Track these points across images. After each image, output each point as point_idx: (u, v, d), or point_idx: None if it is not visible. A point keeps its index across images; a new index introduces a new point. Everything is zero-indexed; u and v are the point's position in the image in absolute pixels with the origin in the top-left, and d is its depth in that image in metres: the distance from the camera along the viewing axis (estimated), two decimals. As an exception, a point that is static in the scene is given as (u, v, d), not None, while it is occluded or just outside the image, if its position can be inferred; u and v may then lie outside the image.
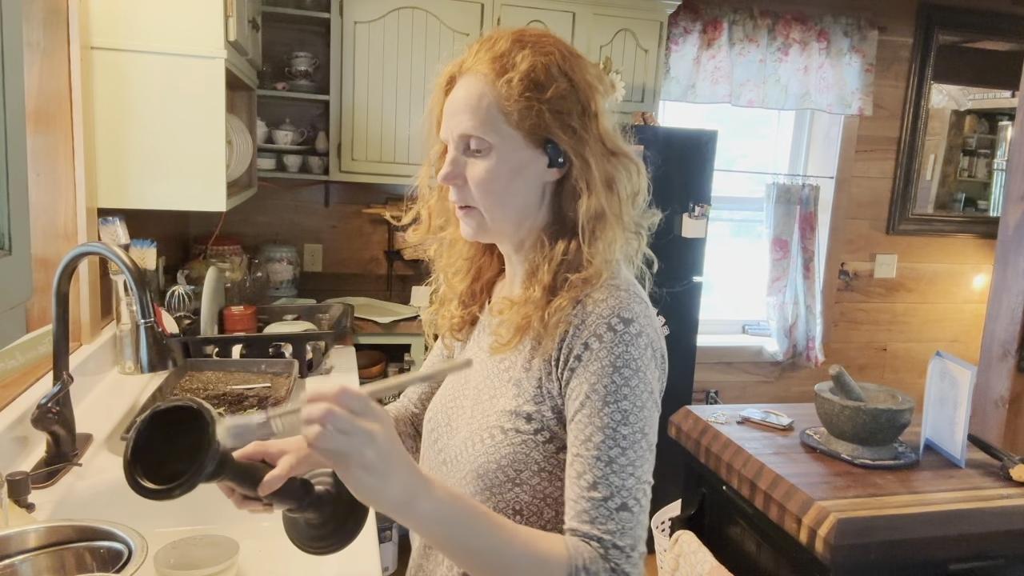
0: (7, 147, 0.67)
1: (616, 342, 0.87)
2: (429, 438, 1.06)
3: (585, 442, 0.86)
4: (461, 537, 0.79)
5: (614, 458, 0.85)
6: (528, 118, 0.90)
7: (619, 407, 0.86)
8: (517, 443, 0.91)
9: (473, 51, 0.94)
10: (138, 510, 1.37)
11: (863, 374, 3.97)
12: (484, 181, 0.93)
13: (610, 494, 0.84)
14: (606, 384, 0.86)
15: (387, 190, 3.27)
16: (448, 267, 1.09)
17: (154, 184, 1.96)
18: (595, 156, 0.92)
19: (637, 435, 0.86)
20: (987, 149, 4.06)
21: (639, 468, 0.86)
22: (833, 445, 1.85)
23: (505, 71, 0.90)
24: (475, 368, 1.03)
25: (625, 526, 0.84)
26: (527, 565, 0.80)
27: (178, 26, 1.91)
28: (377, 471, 0.72)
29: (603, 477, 0.84)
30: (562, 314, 0.90)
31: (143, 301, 1.34)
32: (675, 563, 1.90)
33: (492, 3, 2.91)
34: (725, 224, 3.96)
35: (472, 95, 0.92)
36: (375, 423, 0.72)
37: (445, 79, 0.97)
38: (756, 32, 3.46)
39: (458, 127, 0.93)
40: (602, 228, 0.92)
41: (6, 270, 0.68)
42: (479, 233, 0.98)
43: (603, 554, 0.82)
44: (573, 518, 0.85)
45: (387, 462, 0.72)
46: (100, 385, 1.88)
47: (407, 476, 0.74)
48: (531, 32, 0.95)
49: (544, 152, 0.93)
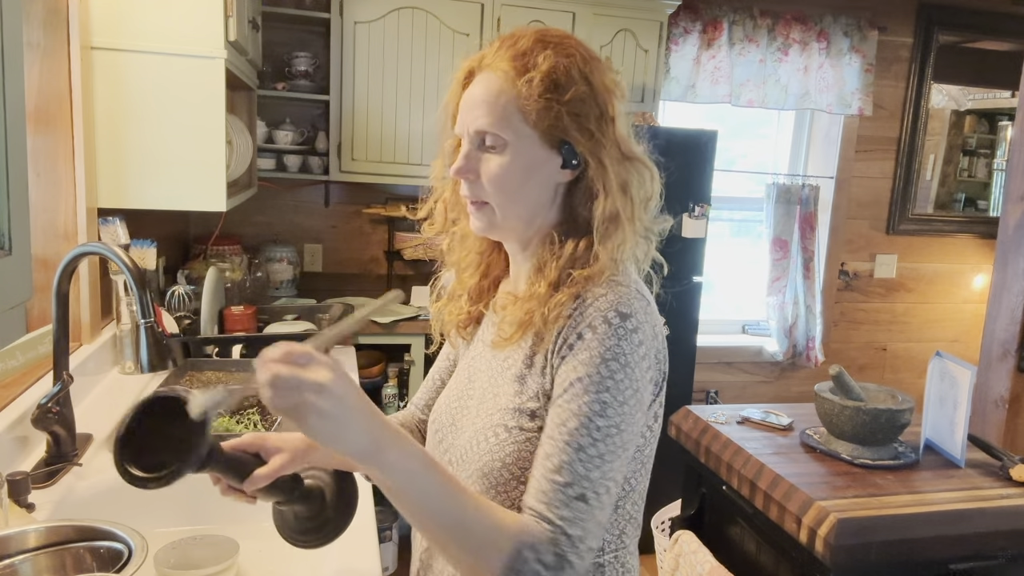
0: (7, 147, 0.67)
1: (609, 335, 0.87)
2: (434, 439, 1.06)
3: (559, 426, 0.86)
4: (422, 492, 0.79)
5: (584, 447, 0.84)
6: (546, 118, 0.91)
7: (599, 398, 0.85)
8: (521, 441, 0.91)
9: (494, 48, 0.95)
10: (138, 510, 1.37)
11: (863, 374, 3.97)
12: (497, 178, 0.93)
13: (572, 481, 0.83)
14: (591, 373, 0.86)
15: (387, 190, 3.27)
16: (459, 261, 1.09)
17: (154, 184, 1.96)
18: (611, 159, 0.92)
19: (612, 429, 0.85)
20: (987, 149, 4.06)
21: (607, 463, 0.85)
22: (833, 445, 1.85)
23: (526, 70, 0.90)
24: (479, 366, 1.03)
25: (578, 516, 0.83)
26: (480, 530, 0.80)
27: (178, 26, 1.91)
28: (334, 418, 0.72)
29: (568, 463, 0.84)
30: (561, 308, 0.90)
31: (143, 301, 1.34)
32: (675, 563, 1.90)
33: (492, 3, 2.91)
34: (725, 224, 3.96)
35: (491, 91, 0.92)
36: (323, 372, 0.73)
37: (464, 73, 0.97)
38: (756, 32, 3.46)
39: (474, 122, 0.93)
40: (615, 230, 0.93)
41: (6, 270, 0.68)
42: (489, 229, 0.98)
43: (552, 538, 0.82)
44: (532, 496, 0.85)
45: (343, 408, 0.73)
46: (100, 385, 1.88)
47: (370, 424, 0.75)
48: (554, 33, 0.95)
49: (558, 153, 0.93)
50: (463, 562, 0.82)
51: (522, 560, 0.80)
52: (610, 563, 0.96)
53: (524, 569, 0.80)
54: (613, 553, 0.97)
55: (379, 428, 0.76)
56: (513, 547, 0.80)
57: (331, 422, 0.72)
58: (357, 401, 0.75)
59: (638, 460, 0.95)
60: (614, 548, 0.97)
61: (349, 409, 0.73)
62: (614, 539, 0.97)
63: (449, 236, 1.07)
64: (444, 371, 1.16)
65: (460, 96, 0.97)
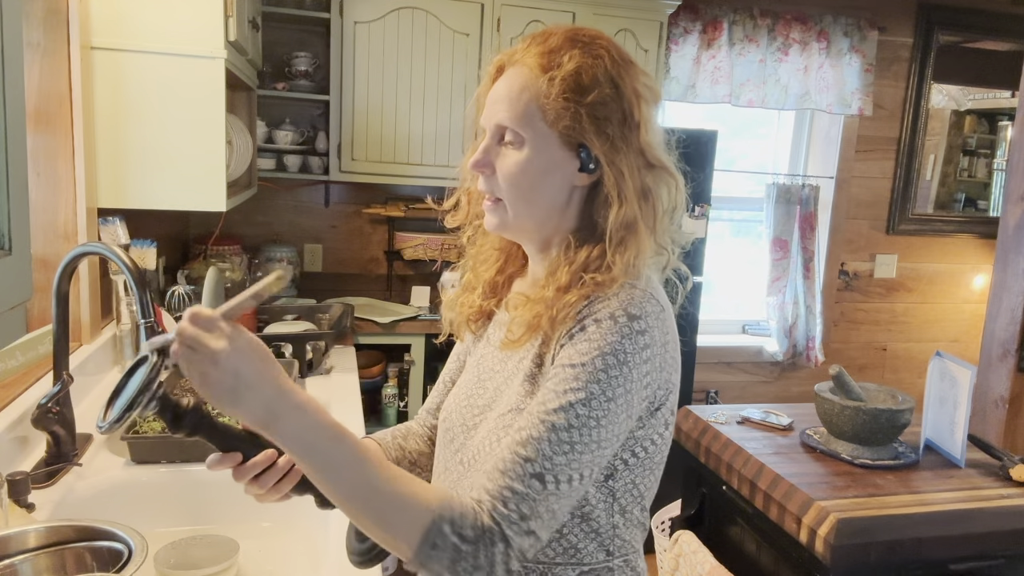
0: (7, 147, 0.67)
1: (613, 331, 0.85)
2: (444, 438, 1.04)
3: (540, 403, 0.85)
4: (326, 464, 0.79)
5: (557, 428, 0.82)
6: (564, 119, 0.89)
7: (588, 389, 0.84)
8: None
9: (525, 43, 0.94)
10: (138, 510, 1.38)
11: (863, 374, 3.97)
12: (512, 174, 0.92)
13: (534, 457, 0.82)
14: (584, 363, 0.84)
15: (387, 190, 3.27)
16: (477, 254, 1.09)
17: (154, 184, 1.96)
18: (631, 166, 0.90)
19: (591, 422, 0.83)
20: (987, 149, 4.05)
21: (577, 452, 0.83)
22: (833, 445, 1.85)
23: (551, 68, 0.90)
24: (489, 365, 1.03)
25: (530, 494, 0.81)
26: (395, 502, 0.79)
27: (178, 26, 1.90)
28: (227, 387, 0.75)
29: (536, 439, 0.82)
30: (570, 309, 0.89)
31: (143, 301, 1.34)
32: (675, 563, 1.90)
33: (492, 3, 2.91)
34: (725, 224, 3.96)
35: (514, 87, 0.92)
36: (220, 342, 0.74)
37: (495, 68, 0.97)
38: (756, 32, 3.46)
39: (495, 116, 0.93)
40: (632, 238, 0.90)
41: (6, 270, 0.68)
42: (501, 227, 0.97)
43: (490, 507, 0.80)
44: (490, 463, 0.84)
45: (236, 379, 0.75)
46: (100, 385, 1.88)
47: (264, 395, 0.76)
48: (586, 32, 0.93)
49: (576, 155, 0.91)
50: (379, 536, 0.81)
51: (440, 534, 0.77)
52: (620, 567, 0.96)
53: (442, 543, 0.77)
54: (623, 557, 0.96)
55: (276, 399, 0.77)
56: (431, 520, 0.78)
57: (224, 391, 0.75)
58: (250, 372, 0.76)
59: (647, 466, 0.94)
60: (623, 553, 0.96)
61: (241, 380, 0.75)
62: (624, 544, 0.96)
63: (472, 228, 1.06)
64: (454, 372, 1.15)
65: (489, 90, 0.96)
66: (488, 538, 0.79)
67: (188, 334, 0.74)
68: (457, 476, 0.98)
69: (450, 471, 1.00)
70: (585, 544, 0.93)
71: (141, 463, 1.48)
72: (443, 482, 1.02)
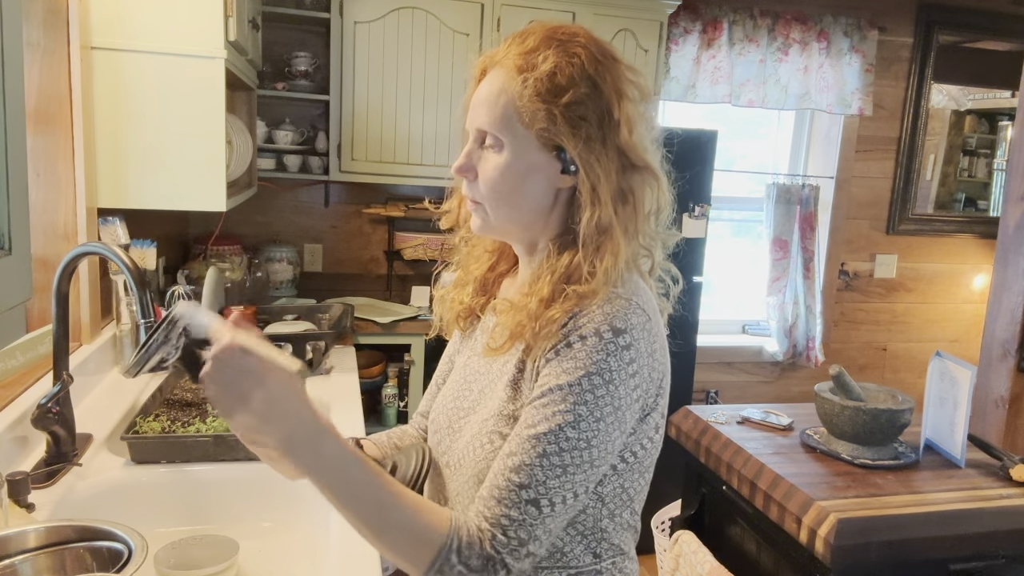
0: (7, 147, 0.67)
1: (598, 348, 0.84)
2: (433, 440, 1.05)
3: (530, 427, 0.85)
4: (346, 492, 0.81)
5: (548, 453, 0.83)
6: (539, 121, 0.88)
7: (575, 411, 0.83)
8: None
9: (507, 44, 0.93)
10: (138, 510, 1.38)
11: (863, 374, 3.97)
12: (491, 179, 0.91)
13: (528, 483, 0.83)
14: (571, 383, 0.84)
15: (387, 190, 3.27)
16: (470, 253, 1.09)
17: (154, 184, 1.95)
18: (608, 167, 0.88)
19: (581, 443, 0.83)
20: (987, 149, 4.05)
21: (569, 474, 0.83)
22: (833, 445, 1.85)
23: (526, 69, 0.88)
24: (475, 368, 1.03)
25: (526, 520, 0.82)
26: (405, 528, 0.81)
27: (178, 26, 1.90)
28: (259, 415, 0.78)
29: (529, 465, 0.83)
30: (554, 325, 0.87)
31: (143, 301, 1.34)
32: (675, 563, 1.90)
33: (492, 3, 2.91)
34: (725, 224, 3.96)
35: (493, 90, 0.91)
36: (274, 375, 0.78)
37: (479, 70, 0.95)
38: (756, 32, 3.46)
39: (475, 120, 0.92)
40: (608, 243, 0.88)
41: (6, 270, 0.68)
42: (484, 229, 0.97)
43: (490, 537, 0.82)
44: (486, 488, 0.85)
45: (274, 407, 0.78)
46: (100, 385, 1.88)
47: (294, 426, 0.79)
48: (564, 30, 0.91)
49: (557, 158, 0.90)
50: (389, 557, 0.83)
51: (448, 563, 0.80)
52: (608, 570, 0.96)
53: (448, 572, 0.80)
54: (611, 560, 0.96)
55: (306, 429, 0.80)
56: (438, 550, 0.80)
57: (256, 418, 0.78)
58: (288, 406, 0.79)
59: (637, 471, 0.94)
60: (612, 555, 0.96)
61: (277, 413, 0.78)
62: (612, 547, 0.96)
63: (465, 229, 1.06)
64: (445, 373, 1.15)
65: (474, 93, 0.95)
66: (491, 567, 0.81)
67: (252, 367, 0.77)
68: (443, 479, 1.00)
69: (438, 474, 1.01)
70: (572, 547, 0.93)
71: (141, 463, 1.47)
72: (433, 485, 1.03)
